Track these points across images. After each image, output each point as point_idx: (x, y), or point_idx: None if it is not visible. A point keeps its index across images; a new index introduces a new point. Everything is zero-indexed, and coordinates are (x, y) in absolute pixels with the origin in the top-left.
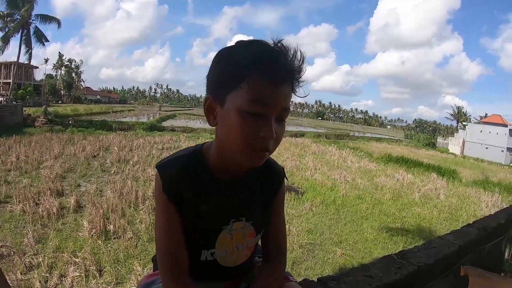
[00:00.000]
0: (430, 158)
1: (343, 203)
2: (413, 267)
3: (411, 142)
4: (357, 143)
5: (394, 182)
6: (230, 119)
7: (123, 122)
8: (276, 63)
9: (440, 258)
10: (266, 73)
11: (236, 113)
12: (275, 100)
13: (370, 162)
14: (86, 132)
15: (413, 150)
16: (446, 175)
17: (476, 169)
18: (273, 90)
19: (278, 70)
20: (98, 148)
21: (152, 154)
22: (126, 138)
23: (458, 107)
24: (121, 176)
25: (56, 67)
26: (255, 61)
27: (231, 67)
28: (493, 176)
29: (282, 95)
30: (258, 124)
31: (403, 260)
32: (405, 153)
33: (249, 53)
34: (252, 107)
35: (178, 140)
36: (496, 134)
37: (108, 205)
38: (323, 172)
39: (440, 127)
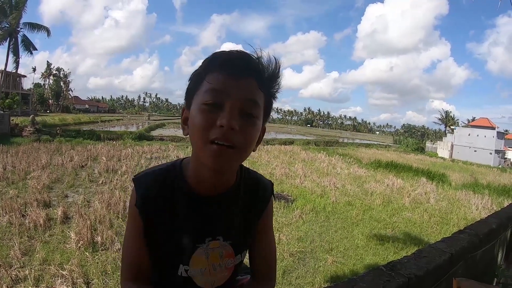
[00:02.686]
0: (419, 163)
1: (333, 210)
2: (403, 280)
3: (400, 147)
4: (346, 149)
5: (384, 187)
6: (192, 117)
7: (111, 131)
8: (234, 58)
9: (431, 268)
10: (222, 66)
11: (196, 109)
12: (234, 90)
13: (360, 168)
14: (74, 142)
15: (402, 155)
16: (436, 179)
17: (465, 172)
18: (230, 80)
19: (235, 62)
20: (86, 158)
21: (140, 163)
22: (114, 147)
23: (446, 112)
24: (109, 186)
25: (44, 76)
26: (213, 59)
27: (195, 74)
28: (482, 179)
29: (241, 85)
30: (215, 114)
31: (392, 272)
32: (394, 158)
33: (209, 57)
34: (208, 97)
35: (167, 149)
36: (484, 137)
37: (96, 216)
38: (313, 180)
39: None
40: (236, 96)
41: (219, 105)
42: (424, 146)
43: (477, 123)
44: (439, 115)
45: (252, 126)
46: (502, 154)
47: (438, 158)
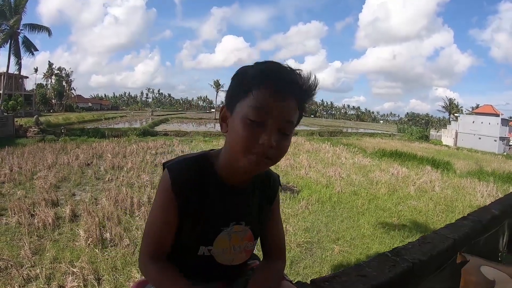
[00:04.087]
0: (423, 151)
1: (339, 200)
2: (407, 264)
3: (404, 135)
4: (350, 139)
5: (389, 176)
6: (235, 125)
7: (115, 128)
8: (281, 76)
9: (435, 253)
10: (270, 84)
11: (241, 119)
12: (277, 111)
13: (364, 157)
14: (79, 140)
15: (407, 143)
16: (441, 167)
17: (470, 160)
18: (276, 100)
19: (282, 82)
20: (92, 156)
21: (146, 159)
22: (119, 144)
23: (450, 99)
24: (115, 183)
25: (46, 76)
26: (262, 74)
27: (242, 80)
28: (487, 166)
29: (285, 107)
30: (258, 132)
31: (397, 257)
32: (399, 147)
33: (260, 68)
34: (255, 114)
35: (172, 144)
36: (489, 124)
37: (104, 213)
38: (318, 170)
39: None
40: (278, 117)
41: (262, 123)
42: (429, 134)
43: (481, 110)
44: (443, 102)
45: (286, 141)
46: (506, 141)
47: (443, 146)
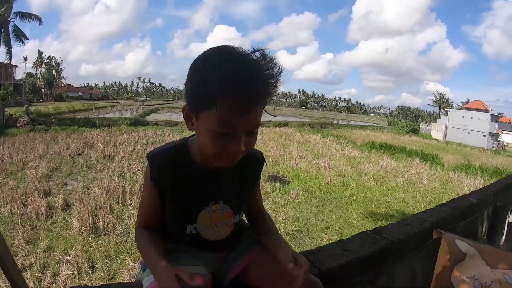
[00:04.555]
0: (413, 144)
1: (328, 190)
2: (387, 242)
3: (394, 128)
4: (340, 131)
5: (378, 168)
6: (202, 135)
7: (106, 118)
8: (246, 89)
9: (413, 234)
10: (235, 101)
11: (207, 132)
12: (243, 123)
13: (354, 149)
14: (70, 130)
15: (396, 136)
16: (429, 160)
17: (459, 154)
18: (241, 116)
19: (247, 96)
20: (83, 145)
21: (137, 149)
22: (110, 134)
23: (441, 94)
24: (107, 172)
25: (36, 65)
26: (226, 86)
27: (202, 88)
28: (475, 161)
29: (251, 118)
30: (227, 142)
31: (377, 235)
32: (389, 140)
33: (219, 76)
34: (221, 129)
35: (163, 134)
36: (478, 120)
37: (96, 202)
38: (308, 161)
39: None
40: (244, 127)
41: (230, 136)
42: (418, 128)
43: (471, 105)
44: (434, 97)
45: (253, 138)
46: (495, 136)
47: (432, 139)
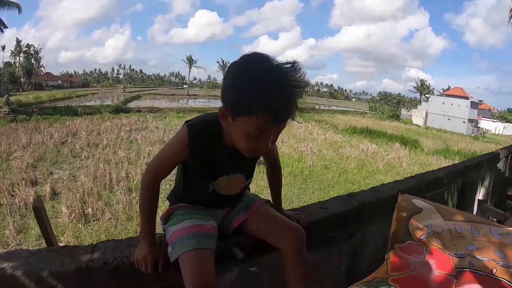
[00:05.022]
0: (394, 129)
1: (310, 173)
2: (358, 204)
3: (376, 114)
4: (322, 116)
5: (359, 152)
6: (238, 134)
7: (88, 106)
8: (282, 108)
9: (382, 198)
10: (273, 116)
11: (243, 132)
12: (275, 131)
13: (336, 134)
14: (52, 119)
15: (378, 121)
16: (409, 144)
17: (438, 139)
18: (276, 126)
19: (285, 111)
20: (66, 134)
21: (121, 136)
22: (93, 122)
23: (422, 80)
24: (92, 160)
25: (14, 54)
26: (265, 103)
27: (245, 98)
28: (454, 146)
29: (282, 126)
30: (258, 141)
31: (351, 198)
32: (370, 125)
33: (262, 93)
34: (257, 132)
35: (145, 120)
36: (458, 106)
37: (84, 189)
38: (290, 145)
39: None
40: (275, 132)
41: (262, 137)
42: (399, 114)
43: (452, 92)
44: (415, 83)
45: (278, 135)
46: (475, 123)
47: (413, 125)
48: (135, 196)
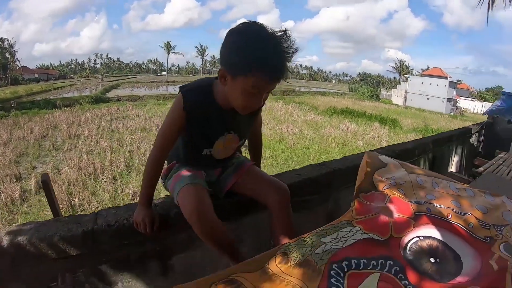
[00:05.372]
0: (373, 109)
1: (292, 154)
2: (330, 170)
3: (356, 94)
4: (302, 98)
5: (339, 132)
6: (236, 91)
7: (66, 98)
8: (278, 65)
9: (351, 165)
10: (267, 75)
11: (241, 90)
12: (268, 89)
13: (316, 115)
14: (31, 113)
15: (358, 102)
16: (388, 123)
17: (418, 118)
18: (269, 84)
19: (278, 72)
20: (46, 127)
21: (102, 126)
22: (72, 114)
23: (401, 61)
24: (75, 151)
25: None
26: (261, 62)
27: (243, 59)
28: (432, 124)
29: (274, 86)
30: (253, 98)
31: (323, 166)
32: (350, 105)
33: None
34: (253, 90)
35: (126, 109)
36: (437, 86)
37: (69, 181)
38: (271, 127)
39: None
40: (268, 90)
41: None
42: (379, 94)
43: (430, 72)
44: (394, 64)
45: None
46: (454, 102)
47: (392, 105)
48: (120, 184)
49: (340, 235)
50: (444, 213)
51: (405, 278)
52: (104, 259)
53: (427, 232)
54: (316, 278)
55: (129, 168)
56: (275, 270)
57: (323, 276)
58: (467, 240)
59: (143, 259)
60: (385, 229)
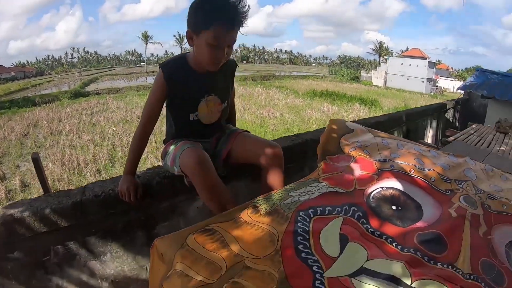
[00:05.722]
0: (354, 91)
1: (273, 137)
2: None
3: (336, 77)
4: (283, 82)
5: (319, 114)
6: (202, 46)
7: (45, 94)
8: (230, 15)
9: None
10: (223, 24)
11: (205, 43)
12: (227, 39)
13: (296, 98)
14: (10, 112)
15: (338, 84)
16: (368, 104)
17: (398, 98)
18: (227, 33)
19: (230, 21)
20: (27, 125)
21: (83, 120)
22: (52, 110)
23: (380, 42)
24: (57, 147)
25: None
26: (218, 15)
27: (203, 15)
28: (413, 104)
29: (231, 35)
30: (217, 51)
31: (296, 137)
32: (330, 88)
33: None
34: (214, 41)
35: (106, 102)
36: (416, 66)
37: (53, 177)
38: (252, 112)
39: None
40: (227, 41)
41: (219, 47)
42: (359, 76)
43: (410, 53)
44: (374, 46)
45: (231, 49)
46: (433, 82)
47: (373, 86)
48: (105, 177)
49: (307, 189)
50: (406, 169)
51: (367, 223)
52: (92, 230)
53: (389, 183)
54: (284, 223)
55: (112, 160)
56: (247, 219)
57: (290, 221)
58: (428, 192)
59: (128, 229)
60: (349, 183)
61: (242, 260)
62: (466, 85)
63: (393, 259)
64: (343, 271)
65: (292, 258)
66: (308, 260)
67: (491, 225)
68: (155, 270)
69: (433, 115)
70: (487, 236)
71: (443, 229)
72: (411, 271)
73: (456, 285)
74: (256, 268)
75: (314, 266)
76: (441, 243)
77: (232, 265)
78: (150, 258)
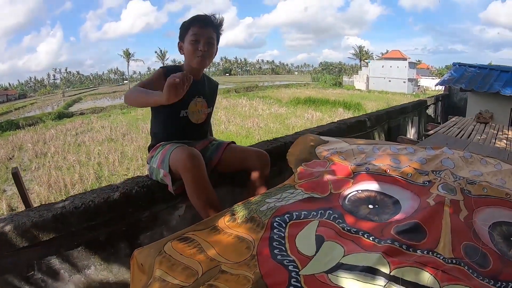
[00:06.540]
0: (337, 96)
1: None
2: (282, 143)
3: (319, 84)
4: (266, 92)
5: (304, 121)
6: (187, 47)
7: (29, 117)
8: (203, 18)
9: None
10: (199, 23)
11: (188, 43)
12: (203, 34)
13: (280, 107)
14: None
15: (321, 91)
16: (352, 108)
17: (381, 100)
18: (203, 29)
19: (204, 21)
20: (12, 149)
21: (67, 141)
22: (37, 132)
23: (360, 47)
24: (43, 170)
25: None
26: (194, 19)
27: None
28: (395, 104)
29: (207, 31)
30: (197, 45)
31: (274, 141)
32: (313, 94)
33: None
34: (193, 37)
35: (90, 122)
36: (397, 68)
37: (40, 199)
38: (237, 123)
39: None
40: (205, 36)
41: (198, 41)
42: (342, 81)
43: (390, 55)
44: (354, 51)
45: (212, 47)
46: (415, 82)
47: (356, 90)
48: None
49: (283, 196)
50: (382, 169)
51: (343, 222)
52: (75, 242)
53: (365, 186)
54: (260, 230)
55: (99, 179)
56: (223, 227)
57: (266, 228)
58: (405, 187)
59: (112, 241)
60: (325, 188)
61: (218, 265)
62: (444, 80)
63: (370, 251)
64: (319, 268)
65: (268, 260)
66: (284, 260)
67: (472, 209)
68: (136, 281)
69: (414, 112)
70: (468, 220)
71: (421, 217)
72: (389, 260)
73: (437, 270)
74: (232, 272)
75: (290, 265)
76: (420, 231)
77: (208, 269)
78: (131, 269)
